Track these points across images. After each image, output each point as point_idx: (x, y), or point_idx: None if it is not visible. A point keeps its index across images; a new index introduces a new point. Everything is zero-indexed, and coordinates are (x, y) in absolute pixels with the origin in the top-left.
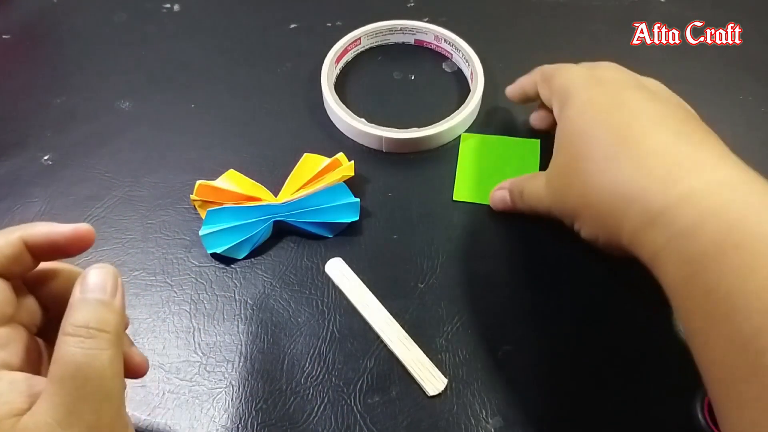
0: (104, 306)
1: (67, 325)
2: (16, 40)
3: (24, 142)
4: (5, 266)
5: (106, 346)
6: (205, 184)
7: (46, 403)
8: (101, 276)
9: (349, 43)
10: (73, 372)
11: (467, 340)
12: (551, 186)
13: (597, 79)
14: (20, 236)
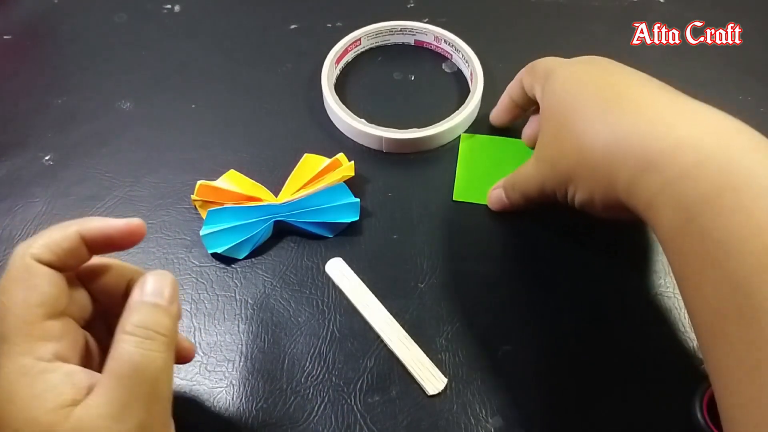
0: (162, 310)
1: (127, 324)
2: (16, 40)
3: (25, 142)
4: (62, 259)
5: (163, 349)
6: (205, 184)
7: (102, 397)
8: (161, 282)
9: (349, 44)
10: (130, 370)
11: (467, 340)
12: (541, 158)
13: (577, 59)
14: (77, 230)
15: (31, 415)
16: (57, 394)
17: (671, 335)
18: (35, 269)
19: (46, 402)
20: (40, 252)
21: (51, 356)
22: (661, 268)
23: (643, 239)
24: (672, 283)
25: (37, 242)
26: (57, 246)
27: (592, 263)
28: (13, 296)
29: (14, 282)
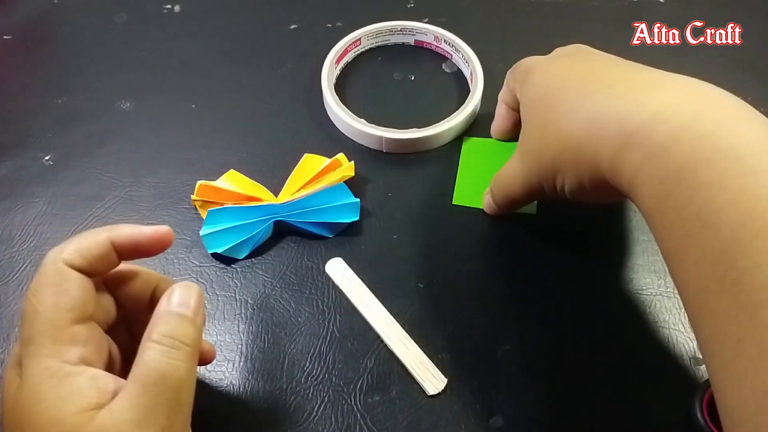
0: (188, 321)
1: (153, 333)
2: (17, 40)
3: (25, 142)
4: (93, 265)
5: (187, 359)
6: (205, 184)
7: (126, 403)
8: (187, 293)
9: (349, 44)
10: (156, 378)
11: (467, 340)
12: (525, 152)
13: (556, 52)
14: (108, 236)
15: (57, 417)
16: (82, 397)
17: (671, 335)
18: (66, 274)
19: (72, 404)
20: (72, 257)
21: (77, 360)
22: (661, 268)
23: (642, 239)
24: (670, 283)
25: (68, 247)
26: (88, 252)
27: (592, 263)
28: (43, 299)
29: (45, 286)
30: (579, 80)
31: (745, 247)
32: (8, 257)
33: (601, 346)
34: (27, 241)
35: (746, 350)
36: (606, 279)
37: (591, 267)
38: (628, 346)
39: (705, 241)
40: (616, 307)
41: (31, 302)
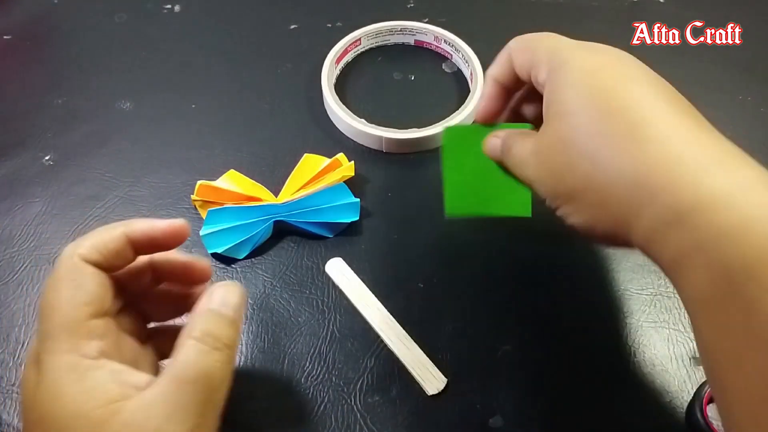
0: (229, 322)
1: (194, 331)
2: (16, 40)
3: (25, 142)
4: (109, 260)
5: (226, 361)
6: (205, 184)
7: (159, 397)
8: (231, 293)
9: (349, 44)
10: (194, 376)
11: (467, 340)
12: (541, 160)
13: (589, 47)
14: (123, 231)
15: (80, 411)
16: (105, 391)
17: (671, 335)
18: (82, 269)
19: (95, 398)
20: (88, 252)
21: (96, 353)
22: None
23: None
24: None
25: (85, 243)
26: (104, 247)
27: (592, 263)
28: (60, 295)
29: (62, 281)
30: (632, 113)
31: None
32: (8, 257)
33: (601, 346)
34: (27, 241)
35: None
36: (606, 279)
37: (591, 267)
38: (628, 346)
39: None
40: (616, 307)
41: (47, 298)
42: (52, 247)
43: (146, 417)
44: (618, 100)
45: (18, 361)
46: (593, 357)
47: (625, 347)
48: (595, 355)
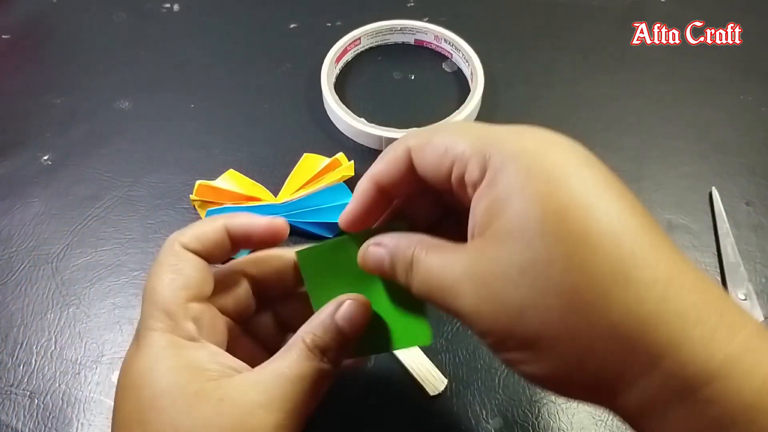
0: (345, 341)
1: (308, 337)
2: (15, 40)
3: (24, 142)
4: (209, 250)
5: (328, 377)
6: (204, 184)
7: (258, 383)
8: (360, 312)
9: (349, 43)
10: (294, 376)
11: (467, 340)
12: (483, 289)
13: (532, 136)
14: (224, 224)
15: (176, 383)
16: (203, 368)
17: None
18: (182, 255)
19: (192, 373)
20: (189, 240)
21: (194, 334)
22: None
23: None
24: None
25: (187, 232)
26: (205, 236)
27: None
28: (161, 278)
29: (163, 266)
30: (613, 244)
31: None
32: (7, 257)
33: None
34: (26, 241)
35: None
36: None
37: None
38: None
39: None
40: None
41: (150, 281)
42: (50, 248)
43: (242, 396)
44: (591, 223)
45: (16, 362)
46: None
47: None
48: None
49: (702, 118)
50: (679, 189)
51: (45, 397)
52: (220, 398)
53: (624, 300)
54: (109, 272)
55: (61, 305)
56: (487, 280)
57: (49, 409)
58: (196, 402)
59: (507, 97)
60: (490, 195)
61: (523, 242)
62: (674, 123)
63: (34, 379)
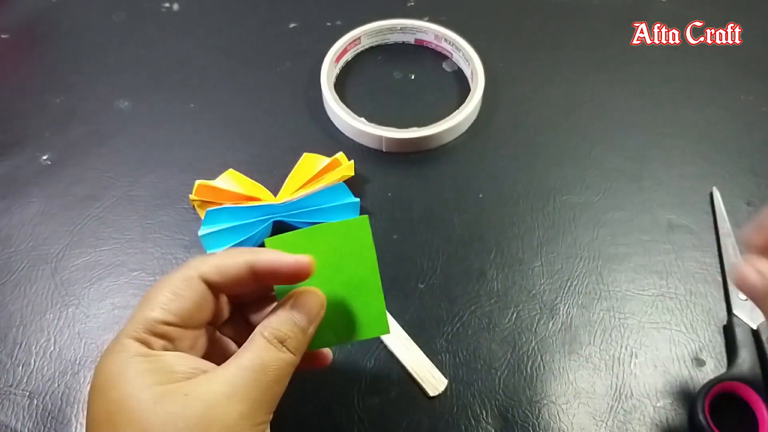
0: (301, 331)
1: (267, 330)
2: (15, 39)
3: (23, 141)
4: (228, 285)
5: (288, 362)
6: (204, 183)
7: (222, 378)
8: (314, 303)
9: (348, 43)
10: (257, 366)
11: (467, 341)
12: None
13: None
14: (247, 261)
15: (144, 383)
16: (170, 371)
17: (673, 336)
18: (192, 284)
19: (159, 375)
20: (209, 271)
21: (160, 349)
22: (663, 268)
23: (644, 239)
24: (674, 284)
25: (209, 261)
26: (226, 271)
27: (594, 264)
28: (159, 293)
29: (169, 282)
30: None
31: None
32: (6, 257)
33: (602, 347)
34: (24, 241)
35: None
36: (608, 280)
37: (593, 268)
38: (630, 347)
39: None
40: (618, 308)
41: (150, 292)
42: (49, 248)
43: (207, 390)
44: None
45: (15, 362)
46: (594, 358)
47: (627, 348)
48: (596, 356)
49: (702, 117)
50: (680, 189)
51: (44, 398)
52: (185, 393)
53: None
54: (108, 272)
55: (60, 305)
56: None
57: (48, 409)
58: (162, 399)
59: (507, 97)
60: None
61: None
62: (674, 123)
63: (33, 379)
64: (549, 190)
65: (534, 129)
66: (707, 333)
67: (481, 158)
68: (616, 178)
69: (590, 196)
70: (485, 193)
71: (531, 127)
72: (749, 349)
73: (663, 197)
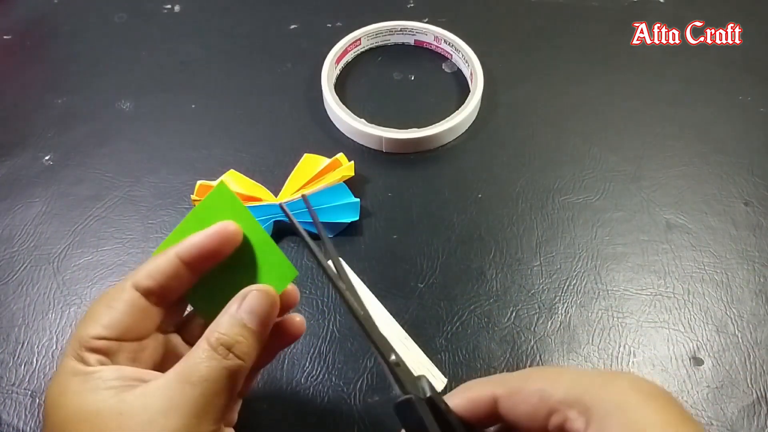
0: (251, 335)
1: (212, 336)
2: (16, 40)
3: (25, 142)
4: (163, 284)
5: (235, 370)
6: (205, 184)
7: (158, 391)
8: (263, 303)
9: (349, 44)
10: (197, 379)
11: (467, 340)
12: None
13: (635, 388)
14: (174, 252)
15: (81, 405)
16: (104, 388)
17: (671, 335)
18: (124, 295)
19: (95, 394)
20: (140, 279)
21: (96, 364)
22: (661, 268)
23: (642, 239)
24: (672, 283)
25: (140, 271)
26: (157, 271)
27: (593, 264)
28: (94, 311)
29: (103, 298)
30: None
31: None
32: (8, 257)
33: (601, 346)
34: (27, 241)
35: None
36: (606, 279)
37: (591, 268)
38: (628, 346)
39: None
40: (616, 307)
41: (87, 311)
42: (51, 247)
43: (142, 407)
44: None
45: (18, 361)
46: (593, 357)
47: (625, 347)
48: (595, 355)
49: (701, 118)
50: (678, 189)
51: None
52: (120, 413)
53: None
54: (110, 272)
55: (63, 305)
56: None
57: None
58: (98, 421)
59: (507, 98)
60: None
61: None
62: (673, 123)
63: (36, 378)
64: (548, 190)
65: (533, 129)
66: (705, 332)
67: (481, 158)
68: (615, 178)
69: (589, 196)
70: (484, 193)
71: (530, 127)
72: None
73: (661, 197)
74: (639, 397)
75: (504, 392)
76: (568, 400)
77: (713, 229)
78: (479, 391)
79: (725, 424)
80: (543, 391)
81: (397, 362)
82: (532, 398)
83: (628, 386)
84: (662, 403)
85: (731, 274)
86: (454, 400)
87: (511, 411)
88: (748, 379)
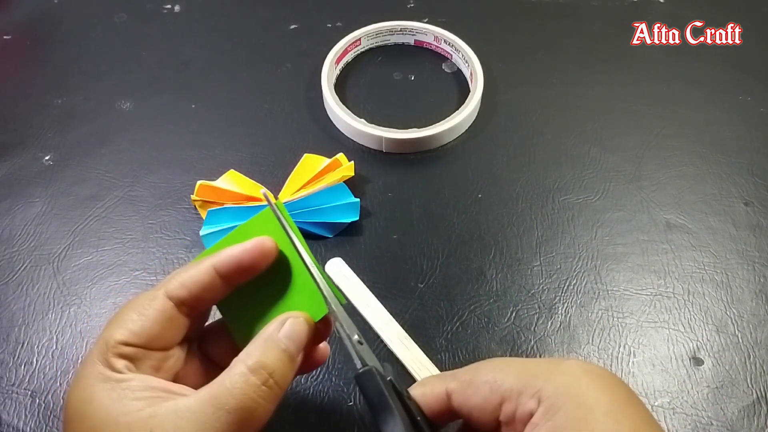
0: (290, 360)
1: (250, 359)
2: (16, 40)
3: (25, 142)
4: (196, 295)
5: (272, 399)
6: (205, 184)
7: (193, 413)
8: (303, 330)
9: (349, 44)
10: (234, 406)
11: (467, 340)
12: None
13: (579, 370)
14: (210, 263)
15: (109, 416)
16: (135, 398)
17: (671, 335)
18: (156, 303)
19: (124, 405)
20: (174, 288)
21: (123, 369)
22: (661, 268)
23: (642, 239)
24: (672, 283)
25: (174, 279)
26: (191, 282)
27: (593, 264)
28: (125, 314)
29: (133, 305)
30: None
31: None
32: (8, 257)
33: (601, 346)
34: (27, 241)
35: None
36: (606, 279)
37: (591, 268)
38: (628, 346)
39: None
40: (616, 307)
41: (117, 313)
42: (51, 247)
43: (174, 428)
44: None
45: (18, 361)
46: (593, 357)
47: (625, 347)
48: (595, 355)
49: (701, 118)
50: (678, 189)
51: (46, 397)
52: (150, 430)
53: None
54: (110, 272)
55: (63, 305)
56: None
57: (51, 408)
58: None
59: (507, 98)
60: (551, 426)
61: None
62: (673, 123)
63: (36, 378)
64: (548, 190)
65: (533, 129)
66: (705, 332)
67: (480, 158)
68: (615, 178)
69: (589, 196)
70: (484, 193)
71: (530, 127)
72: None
73: (661, 197)
74: (588, 379)
75: (456, 386)
76: (518, 387)
77: (713, 229)
78: (432, 387)
79: (725, 424)
80: (493, 381)
81: (360, 341)
82: (482, 389)
83: (577, 369)
84: (611, 384)
85: (731, 274)
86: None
87: (464, 404)
88: (748, 379)
